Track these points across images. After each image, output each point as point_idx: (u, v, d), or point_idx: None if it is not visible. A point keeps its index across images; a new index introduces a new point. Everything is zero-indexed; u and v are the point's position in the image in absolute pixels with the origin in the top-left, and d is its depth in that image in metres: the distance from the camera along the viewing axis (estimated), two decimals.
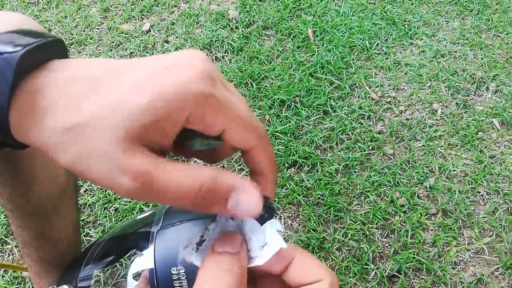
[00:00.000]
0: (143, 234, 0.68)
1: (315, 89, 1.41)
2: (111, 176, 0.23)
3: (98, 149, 0.23)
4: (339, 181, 1.21)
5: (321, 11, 1.65)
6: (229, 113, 0.26)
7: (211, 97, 0.24)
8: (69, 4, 1.67)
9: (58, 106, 0.24)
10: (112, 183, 0.23)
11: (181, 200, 0.24)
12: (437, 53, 1.54)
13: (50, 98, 0.25)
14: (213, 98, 0.25)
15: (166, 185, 0.24)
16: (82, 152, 0.23)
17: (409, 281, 1.05)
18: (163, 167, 0.24)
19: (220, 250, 0.27)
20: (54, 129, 0.24)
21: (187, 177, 0.24)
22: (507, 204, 1.18)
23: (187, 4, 1.68)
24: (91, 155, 0.23)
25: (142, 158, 0.23)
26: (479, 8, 1.70)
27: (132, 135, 0.23)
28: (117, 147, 0.23)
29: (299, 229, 1.13)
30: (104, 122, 0.23)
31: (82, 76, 0.25)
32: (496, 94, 1.44)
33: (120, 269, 1.02)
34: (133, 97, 0.23)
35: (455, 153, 1.29)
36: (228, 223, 0.29)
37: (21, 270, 0.98)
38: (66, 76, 0.25)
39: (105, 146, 0.23)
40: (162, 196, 0.24)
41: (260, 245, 0.29)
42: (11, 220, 0.73)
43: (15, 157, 0.63)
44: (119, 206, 1.13)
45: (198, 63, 0.25)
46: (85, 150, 0.23)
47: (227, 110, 0.25)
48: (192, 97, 0.24)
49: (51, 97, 0.25)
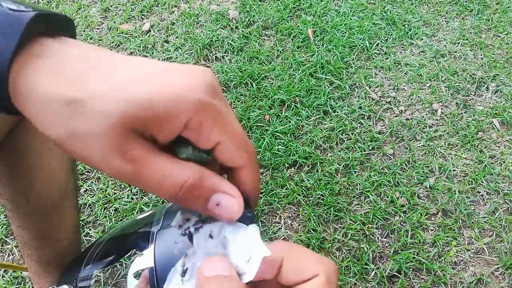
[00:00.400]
0: (143, 234, 0.68)
1: (315, 89, 1.41)
2: (105, 156, 0.23)
3: (95, 128, 0.23)
4: (339, 181, 1.21)
5: (321, 11, 1.65)
6: (226, 126, 0.26)
7: (211, 107, 0.25)
8: (69, 4, 1.67)
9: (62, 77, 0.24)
10: (105, 163, 0.24)
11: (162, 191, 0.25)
12: (437, 53, 1.54)
13: (56, 68, 0.24)
14: (213, 109, 0.25)
15: (153, 173, 0.24)
16: (78, 129, 0.23)
17: (409, 281, 1.05)
18: (154, 156, 0.25)
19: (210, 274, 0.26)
20: (53, 99, 0.24)
21: (173, 171, 0.25)
22: (507, 204, 1.18)
23: (187, 4, 1.68)
24: (87, 133, 0.23)
25: (136, 144, 0.24)
26: (479, 8, 1.71)
27: (131, 123, 0.23)
28: (114, 130, 0.23)
29: (299, 229, 1.13)
30: (106, 103, 0.23)
31: (94, 57, 0.25)
32: (496, 94, 1.44)
33: (120, 269, 1.02)
34: (140, 87, 0.24)
35: (455, 153, 1.29)
36: (208, 243, 0.28)
37: (21, 270, 0.98)
38: (77, 53, 0.25)
39: (104, 127, 0.23)
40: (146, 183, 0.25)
41: (245, 259, 0.27)
42: (11, 220, 0.73)
43: (16, 157, 0.63)
44: (119, 206, 1.13)
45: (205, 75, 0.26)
46: (82, 127, 0.23)
47: (224, 123, 0.26)
48: (193, 104, 0.24)
49: (57, 67, 0.24)
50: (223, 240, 0.28)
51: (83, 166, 1.21)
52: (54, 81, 0.24)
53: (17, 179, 0.65)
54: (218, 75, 1.43)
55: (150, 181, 0.25)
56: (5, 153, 0.62)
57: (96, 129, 0.23)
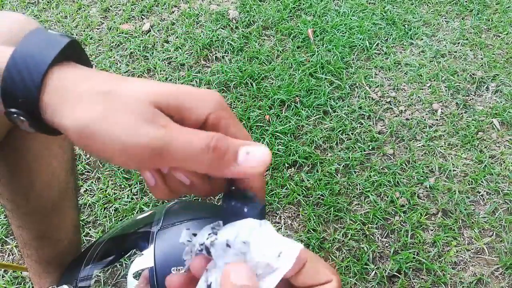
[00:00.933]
0: (143, 234, 0.68)
1: (315, 89, 1.41)
2: (136, 126, 0.26)
3: (127, 105, 0.27)
4: (339, 181, 1.21)
5: (321, 11, 1.65)
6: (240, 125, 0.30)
7: (228, 108, 0.30)
8: (69, 4, 1.67)
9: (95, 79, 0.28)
10: (136, 135, 0.26)
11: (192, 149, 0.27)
12: (437, 53, 1.54)
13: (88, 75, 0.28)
14: (229, 110, 0.30)
15: (184, 134, 0.27)
16: (111, 108, 0.26)
17: (409, 281, 1.05)
18: (179, 127, 0.28)
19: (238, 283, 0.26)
20: (90, 91, 0.27)
21: (197, 134, 0.27)
22: (507, 204, 1.18)
23: (187, 4, 1.68)
24: (119, 110, 0.26)
25: (166, 117, 0.27)
26: (479, 8, 1.71)
27: (159, 105, 0.27)
28: (146, 106, 0.27)
29: (299, 229, 1.13)
30: (138, 91, 0.27)
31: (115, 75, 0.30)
32: (496, 94, 1.44)
33: (120, 269, 1.02)
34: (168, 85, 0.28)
35: (455, 153, 1.29)
36: (227, 253, 0.28)
37: (21, 270, 0.98)
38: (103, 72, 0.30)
39: (137, 103, 0.27)
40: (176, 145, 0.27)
41: (275, 255, 0.27)
42: (11, 220, 0.73)
43: (16, 157, 0.63)
44: (119, 206, 1.13)
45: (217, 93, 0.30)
46: (114, 106, 0.27)
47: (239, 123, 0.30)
48: (214, 102, 0.29)
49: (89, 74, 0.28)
50: (240, 247, 0.27)
51: (83, 166, 1.21)
52: (88, 81, 0.28)
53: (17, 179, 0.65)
54: (218, 75, 1.43)
55: (181, 140, 0.27)
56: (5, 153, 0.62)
57: (126, 106, 0.26)
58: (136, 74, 1.44)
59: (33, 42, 0.28)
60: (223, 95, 1.40)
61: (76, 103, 0.27)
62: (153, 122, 0.26)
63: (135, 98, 0.27)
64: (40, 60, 0.27)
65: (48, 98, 0.27)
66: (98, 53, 1.50)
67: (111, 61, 1.47)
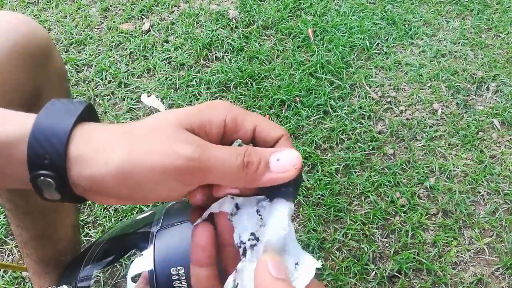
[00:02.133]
0: (143, 234, 0.68)
1: (315, 89, 1.40)
2: (171, 147, 0.27)
3: (158, 132, 0.28)
4: (339, 181, 1.21)
5: (321, 11, 1.65)
6: (255, 115, 0.32)
7: (236, 106, 0.32)
8: (69, 4, 1.67)
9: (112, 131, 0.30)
10: (172, 154, 0.27)
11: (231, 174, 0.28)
12: (437, 53, 1.54)
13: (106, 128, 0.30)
14: (237, 107, 0.32)
15: (219, 152, 0.28)
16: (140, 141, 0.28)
17: (409, 282, 1.05)
18: (213, 145, 0.29)
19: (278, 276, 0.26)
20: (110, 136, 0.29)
21: (228, 152, 0.29)
22: (508, 204, 1.18)
23: (187, 4, 1.68)
24: (151, 138, 0.28)
25: (196, 137, 0.29)
26: (479, 8, 1.70)
27: (186, 127, 0.29)
28: (175, 129, 0.28)
29: (299, 229, 1.13)
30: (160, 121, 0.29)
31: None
32: (497, 94, 1.44)
33: (120, 269, 1.02)
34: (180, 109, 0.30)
35: (455, 153, 1.29)
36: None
37: (21, 270, 0.98)
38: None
39: (167, 125, 0.28)
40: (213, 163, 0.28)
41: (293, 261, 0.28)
42: (11, 219, 0.73)
43: None
44: (119, 206, 1.13)
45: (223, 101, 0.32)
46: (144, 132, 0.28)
47: (252, 113, 0.32)
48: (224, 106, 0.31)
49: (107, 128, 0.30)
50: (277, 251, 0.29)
51: None
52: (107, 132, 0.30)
53: None
54: (218, 75, 1.43)
55: (219, 158, 0.28)
56: None
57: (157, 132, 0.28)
58: (136, 74, 1.44)
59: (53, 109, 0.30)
60: (223, 95, 1.40)
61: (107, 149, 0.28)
62: (189, 142, 0.28)
63: (163, 121, 0.29)
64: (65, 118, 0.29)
65: (76, 151, 0.28)
66: (98, 53, 1.50)
67: (110, 61, 1.47)
